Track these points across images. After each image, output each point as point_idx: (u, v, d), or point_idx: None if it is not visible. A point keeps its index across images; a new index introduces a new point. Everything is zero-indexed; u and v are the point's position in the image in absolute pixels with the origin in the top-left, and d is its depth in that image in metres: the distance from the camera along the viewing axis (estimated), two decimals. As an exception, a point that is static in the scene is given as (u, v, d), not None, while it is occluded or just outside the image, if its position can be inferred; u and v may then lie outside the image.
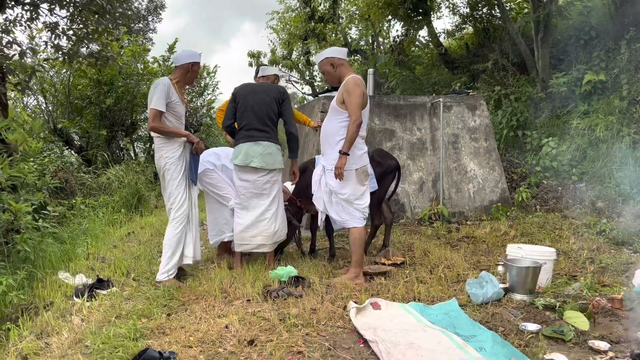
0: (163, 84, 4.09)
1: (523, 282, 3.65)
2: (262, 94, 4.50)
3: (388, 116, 7.01)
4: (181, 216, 4.20)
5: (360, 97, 3.93)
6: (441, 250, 5.09)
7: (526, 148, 8.65)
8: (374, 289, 3.92)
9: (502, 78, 9.64)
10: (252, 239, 4.46)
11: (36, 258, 5.08)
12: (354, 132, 3.91)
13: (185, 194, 4.23)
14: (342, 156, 3.93)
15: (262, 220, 4.46)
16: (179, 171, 4.18)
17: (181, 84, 4.30)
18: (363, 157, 4.11)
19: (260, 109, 4.42)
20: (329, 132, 4.11)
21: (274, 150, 4.43)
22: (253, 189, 4.45)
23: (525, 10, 10.29)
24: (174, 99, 4.13)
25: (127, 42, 12.91)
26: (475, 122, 7.26)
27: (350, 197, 4.03)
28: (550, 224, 6.30)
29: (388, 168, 4.97)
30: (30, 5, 7.11)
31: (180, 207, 4.19)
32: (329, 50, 4.20)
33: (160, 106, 4.02)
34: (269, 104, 4.44)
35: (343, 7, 14.77)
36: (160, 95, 4.03)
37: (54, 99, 12.16)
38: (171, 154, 4.14)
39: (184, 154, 4.23)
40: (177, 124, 4.23)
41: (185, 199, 4.22)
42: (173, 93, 4.14)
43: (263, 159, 4.36)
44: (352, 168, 4.02)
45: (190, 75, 4.30)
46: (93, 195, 8.78)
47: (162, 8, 26.36)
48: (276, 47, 18.42)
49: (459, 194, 7.05)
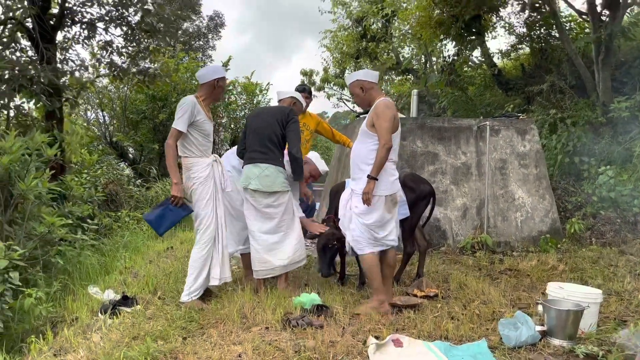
0: (188, 103, 4.03)
1: (563, 326, 3.35)
2: (265, 115, 4.46)
3: (431, 139, 6.79)
4: (208, 238, 4.16)
5: (391, 121, 3.78)
6: (479, 283, 4.80)
7: (582, 176, 8.15)
8: (399, 322, 3.72)
9: (559, 101, 9.18)
10: (264, 264, 4.36)
11: (73, 270, 5.22)
12: (382, 157, 3.76)
13: (213, 214, 4.18)
14: (370, 181, 3.78)
15: (270, 244, 4.34)
16: (207, 191, 4.14)
17: (208, 102, 4.25)
18: (394, 184, 3.95)
19: (261, 130, 4.36)
20: (359, 155, 3.99)
21: (272, 172, 4.29)
22: (257, 212, 4.35)
23: (586, 31, 9.80)
24: (199, 118, 4.08)
25: (185, 59, 13.34)
26: (525, 147, 6.91)
27: (375, 224, 3.87)
28: (604, 260, 5.85)
29: (421, 194, 4.76)
30: (88, 24, 7.44)
31: (207, 228, 4.15)
32: (360, 72, 4.08)
33: (181, 126, 3.98)
34: (270, 125, 4.36)
35: (395, 26, 14.64)
36: (183, 115, 3.99)
37: (112, 113, 12.69)
38: (199, 174, 4.11)
39: (212, 174, 4.19)
40: (205, 142, 4.18)
41: (212, 221, 4.17)
42: (199, 112, 4.08)
43: (260, 181, 4.25)
44: (383, 194, 3.86)
45: (216, 91, 4.25)
46: (140, 208, 9.01)
47: (222, 26, 27.21)
48: (329, 66, 18.51)
49: (505, 222, 6.70)
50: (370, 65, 16.08)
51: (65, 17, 7.12)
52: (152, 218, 4.06)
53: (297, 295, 4.11)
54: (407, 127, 6.80)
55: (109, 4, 7.32)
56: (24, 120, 6.87)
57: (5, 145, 4.18)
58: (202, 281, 4.15)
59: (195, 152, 4.16)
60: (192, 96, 4.16)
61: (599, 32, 8.21)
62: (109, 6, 7.34)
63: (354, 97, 4.14)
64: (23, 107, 7.03)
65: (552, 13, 9.35)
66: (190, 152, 4.15)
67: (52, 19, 6.98)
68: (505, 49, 11.96)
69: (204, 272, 4.15)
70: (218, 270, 4.23)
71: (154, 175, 11.39)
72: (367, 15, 15.05)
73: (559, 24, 9.40)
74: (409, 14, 12.65)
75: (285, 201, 4.38)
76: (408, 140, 6.76)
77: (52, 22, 6.93)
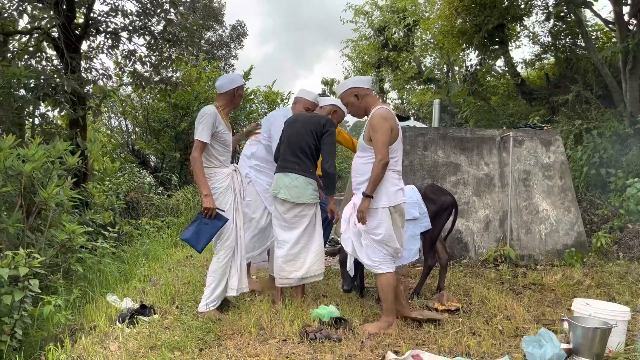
0: (209, 114, 4.00)
1: (589, 345, 3.23)
2: (300, 124, 4.37)
3: (453, 149, 6.69)
4: (227, 248, 4.12)
5: (387, 133, 3.60)
6: (502, 297, 4.68)
7: (609, 188, 7.96)
8: (419, 337, 3.64)
9: (585, 111, 9.00)
10: (281, 272, 4.31)
11: (93, 277, 5.25)
12: (378, 173, 3.59)
13: (233, 225, 4.16)
14: (364, 199, 3.63)
15: (292, 254, 4.29)
16: (227, 201, 4.11)
17: (227, 110, 4.23)
18: (398, 195, 3.75)
19: (294, 139, 4.30)
20: (356, 169, 3.86)
21: (301, 183, 4.23)
22: (282, 221, 4.31)
23: (613, 40, 9.61)
24: (220, 128, 4.06)
25: (207, 68, 13.46)
26: (549, 158, 6.76)
27: (385, 238, 3.70)
28: (632, 275, 5.66)
29: (443, 205, 4.67)
30: (112, 34, 7.56)
31: (227, 239, 4.11)
32: (351, 80, 3.90)
33: (205, 137, 3.95)
34: (303, 134, 4.29)
35: (417, 36, 14.58)
36: (206, 126, 3.96)
37: (135, 121, 12.84)
38: (219, 184, 4.09)
39: (231, 184, 4.17)
40: (225, 152, 4.17)
41: (232, 231, 4.14)
42: (220, 122, 4.06)
43: (289, 191, 4.21)
44: (385, 206, 3.71)
45: (236, 99, 4.24)
46: (160, 216, 9.06)
47: (244, 36, 27.49)
48: (350, 75, 18.49)
49: (528, 235, 6.55)
50: (392, 74, 16.04)
51: (90, 26, 7.24)
52: (189, 236, 3.99)
53: (315, 308, 4.06)
54: (428, 137, 6.72)
55: (132, 14, 7.42)
56: (48, 128, 6.98)
57: (28, 153, 4.23)
58: (220, 292, 4.12)
59: (215, 162, 4.13)
60: (212, 106, 4.12)
61: (626, 41, 8.03)
62: (132, 16, 7.44)
63: (348, 107, 3.95)
64: (48, 115, 7.16)
65: (578, 22, 9.21)
66: (210, 162, 4.13)
67: (77, 29, 7.10)
68: (529, 58, 11.83)
69: (222, 283, 4.12)
70: (236, 281, 4.19)
71: (174, 183, 11.47)
72: (389, 25, 15.02)
73: (584, 33, 9.24)
74: (431, 23, 12.58)
75: (311, 213, 4.32)
76: (430, 150, 6.68)
77: (77, 31, 7.05)
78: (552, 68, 11.34)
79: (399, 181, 3.81)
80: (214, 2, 24.59)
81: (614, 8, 8.37)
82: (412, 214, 4.53)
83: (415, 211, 4.56)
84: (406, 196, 4.37)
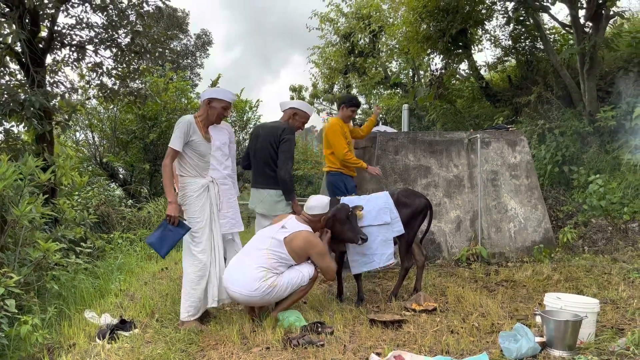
0: (183, 123, 4.04)
1: (562, 337, 3.37)
2: (261, 137, 4.58)
3: (423, 152, 6.84)
4: (199, 254, 4.11)
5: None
6: (477, 295, 4.83)
7: (573, 184, 8.25)
8: (400, 338, 3.72)
9: (546, 111, 9.31)
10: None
11: (68, 294, 5.15)
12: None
13: (207, 233, 4.14)
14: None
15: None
16: (200, 211, 4.10)
17: (205, 122, 4.22)
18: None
19: (259, 154, 4.50)
20: None
21: (272, 197, 4.41)
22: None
23: (570, 42, 9.98)
24: (194, 138, 4.07)
25: (174, 77, 13.35)
26: (515, 158, 6.99)
27: None
28: (598, 268, 5.90)
29: (417, 208, 4.78)
30: (77, 47, 7.44)
31: (198, 244, 4.11)
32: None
33: (176, 145, 4.00)
34: (264, 148, 4.47)
35: (382, 42, 14.79)
36: (178, 134, 3.99)
37: (102, 133, 12.63)
38: (190, 194, 4.10)
39: (206, 194, 4.17)
40: (201, 163, 4.18)
41: (206, 240, 4.13)
42: (195, 132, 4.08)
43: (263, 205, 4.34)
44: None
45: (210, 112, 4.18)
46: (132, 229, 8.93)
47: (210, 44, 27.36)
48: (318, 81, 18.62)
49: (498, 233, 6.74)
50: (359, 80, 16.21)
51: (54, 40, 7.11)
52: (153, 240, 4.04)
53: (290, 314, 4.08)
54: (399, 142, 6.85)
55: (98, 27, 7.33)
56: (14, 144, 6.82)
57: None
58: (197, 299, 4.10)
59: (190, 171, 4.15)
60: (190, 116, 4.17)
61: (582, 43, 8.35)
62: (98, 28, 7.34)
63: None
64: (13, 131, 6.99)
65: (537, 25, 9.52)
66: (186, 171, 4.15)
67: (41, 42, 6.97)
68: (492, 61, 12.11)
69: (197, 289, 4.10)
70: (216, 291, 4.20)
71: (145, 195, 11.32)
72: (355, 31, 15.19)
73: (543, 36, 9.56)
74: (395, 29, 12.80)
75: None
76: (400, 154, 6.81)
77: (41, 45, 6.92)
78: (513, 70, 11.67)
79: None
80: (177, 12, 24.45)
81: (570, 11, 8.69)
82: (384, 219, 4.64)
83: (387, 216, 4.66)
84: (379, 201, 4.53)
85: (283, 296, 4.00)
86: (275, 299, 3.99)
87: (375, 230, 4.61)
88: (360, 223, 4.50)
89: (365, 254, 4.62)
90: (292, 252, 3.95)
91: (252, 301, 3.94)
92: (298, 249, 3.96)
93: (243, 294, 3.86)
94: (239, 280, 3.88)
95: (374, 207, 4.66)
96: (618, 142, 8.01)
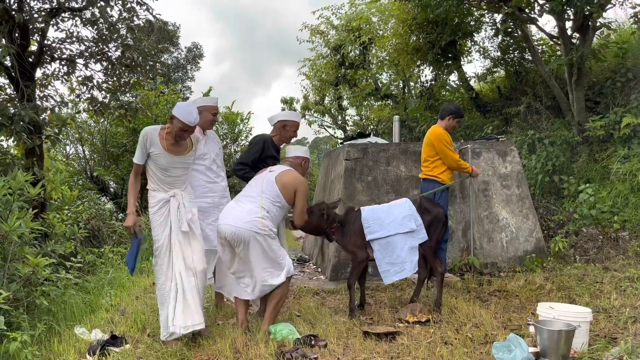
0: (141, 134, 3.95)
1: (555, 347, 3.38)
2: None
3: (415, 163, 6.86)
4: (159, 267, 4.04)
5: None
6: (470, 306, 4.82)
7: (563, 194, 8.31)
8: (394, 350, 3.71)
9: (536, 122, 9.40)
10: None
11: (57, 310, 5.09)
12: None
13: (166, 256, 4.00)
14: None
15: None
16: (160, 226, 4.01)
17: (171, 136, 3.96)
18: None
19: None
20: None
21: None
22: None
23: (558, 53, 10.10)
24: (153, 150, 3.93)
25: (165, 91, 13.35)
26: (506, 168, 7.03)
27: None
28: (590, 277, 5.92)
29: (437, 216, 4.81)
30: (67, 61, 7.43)
31: (157, 256, 4.05)
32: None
33: (136, 158, 4.02)
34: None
35: (373, 53, 14.90)
36: (138, 147, 3.97)
37: (92, 147, 12.58)
38: (151, 207, 4.05)
39: (165, 208, 4.03)
40: (162, 177, 4.01)
41: (163, 255, 4.01)
42: (153, 144, 3.93)
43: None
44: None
45: (172, 126, 3.93)
46: (123, 243, 8.86)
47: (201, 57, 27.43)
48: (309, 93, 18.70)
49: (490, 243, 6.76)
50: (350, 92, 16.30)
51: (44, 53, 7.10)
52: (127, 257, 4.17)
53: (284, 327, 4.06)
54: (390, 153, 6.87)
55: (89, 40, 7.33)
56: (3, 158, 6.78)
57: (-13, 186, 4.12)
58: (165, 316, 3.96)
59: (152, 184, 4.08)
60: (153, 127, 4.05)
61: (570, 54, 8.45)
62: (88, 42, 7.34)
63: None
64: (2, 145, 6.96)
65: (525, 37, 9.62)
66: (150, 184, 4.10)
67: (31, 56, 6.95)
68: (481, 72, 12.24)
69: (163, 307, 4.00)
70: (180, 319, 3.91)
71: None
72: (345, 43, 15.30)
73: (531, 47, 9.67)
74: (385, 41, 12.91)
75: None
76: (392, 165, 6.83)
77: (31, 59, 6.90)
78: (503, 81, 11.79)
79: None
80: (168, 25, 24.51)
81: (557, 23, 8.80)
82: (409, 226, 4.63)
83: (412, 223, 4.65)
84: (402, 208, 4.56)
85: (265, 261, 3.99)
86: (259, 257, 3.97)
87: (402, 238, 4.60)
88: (386, 232, 4.60)
89: (394, 262, 4.59)
90: (282, 189, 4.13)
91: (241, 237, 3.91)
92: (288, 184, 4.15)
93: (237, 226, 3.92)
94: (233, 215, 4.02)
95: (398, 214, 4.66)
96: (607, 151, 8.08)
